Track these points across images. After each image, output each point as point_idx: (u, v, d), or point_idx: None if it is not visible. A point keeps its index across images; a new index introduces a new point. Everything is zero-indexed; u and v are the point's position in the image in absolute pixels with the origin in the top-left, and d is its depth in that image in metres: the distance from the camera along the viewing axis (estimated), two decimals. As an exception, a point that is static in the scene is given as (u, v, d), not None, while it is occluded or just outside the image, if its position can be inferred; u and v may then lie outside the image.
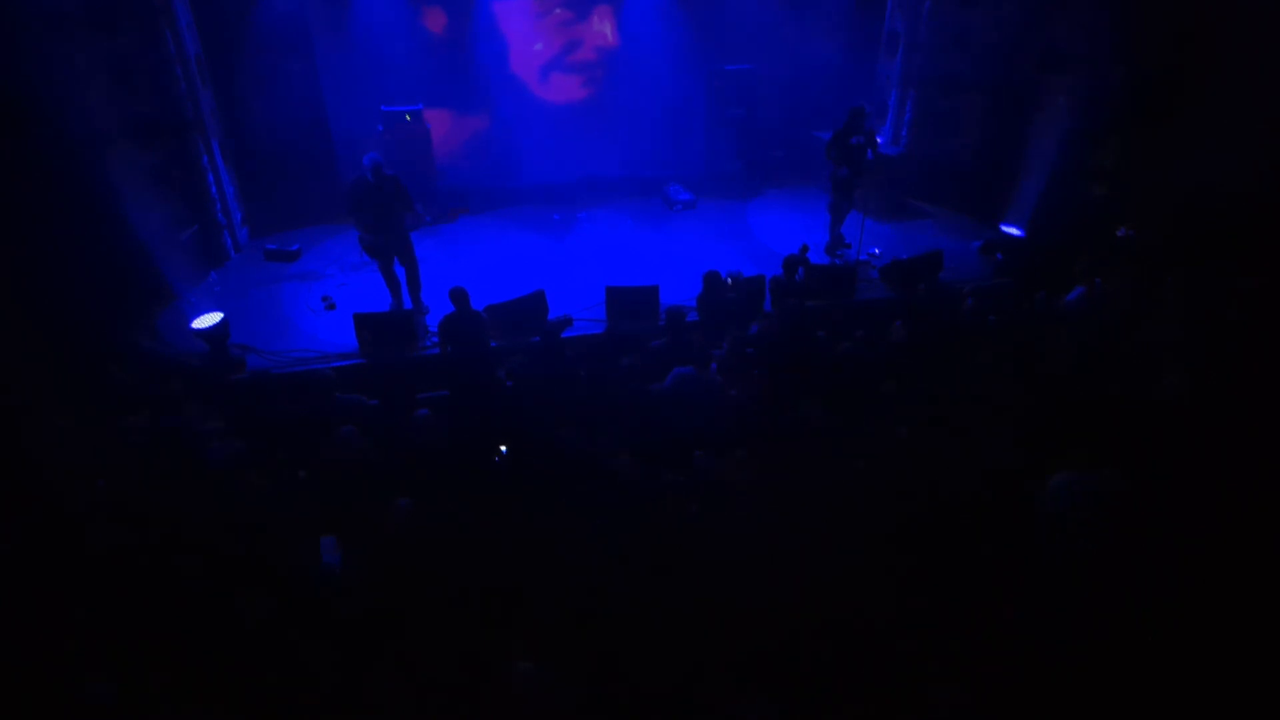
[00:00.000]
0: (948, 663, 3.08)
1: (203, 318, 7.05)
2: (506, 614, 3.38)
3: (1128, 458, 3.95)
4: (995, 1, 9.88)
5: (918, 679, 2.99)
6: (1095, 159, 9.14)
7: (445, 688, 3.06)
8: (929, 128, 10.99)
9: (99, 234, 7.25)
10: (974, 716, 2.88)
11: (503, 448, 4.89)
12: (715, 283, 7.35)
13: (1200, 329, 5.69)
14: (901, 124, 11.26)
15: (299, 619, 3.46)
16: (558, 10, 10.75)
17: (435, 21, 10.43)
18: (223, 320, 7.06)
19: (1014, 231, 9.99)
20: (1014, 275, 8.42)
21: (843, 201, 9.17)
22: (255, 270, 9.15)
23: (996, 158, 10.26)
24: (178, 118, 8.40)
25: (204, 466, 4.76)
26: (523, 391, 6.00)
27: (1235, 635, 3.04)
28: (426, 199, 8.85)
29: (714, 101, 11.44)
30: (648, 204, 11.12)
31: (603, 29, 11.05)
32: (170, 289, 8.04)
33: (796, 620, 3.16)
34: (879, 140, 9.56)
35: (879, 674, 3.06)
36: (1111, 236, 8.18)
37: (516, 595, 3.45)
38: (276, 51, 9.48)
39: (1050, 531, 3.67)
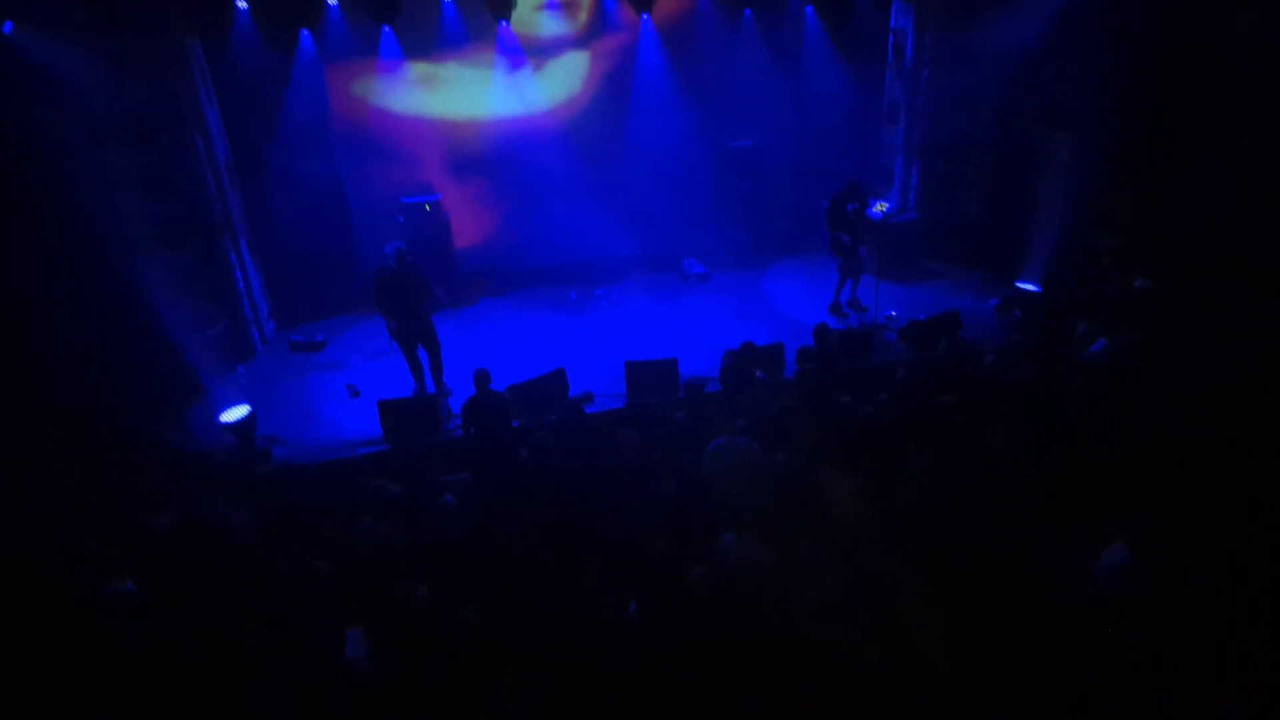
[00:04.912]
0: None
1: (230, 411, 7.17)
2: (529, 694, 3.30)
3: (1162, 513, 3.85)
4: (991, 65, 10.15)
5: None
6: (1104, 210, 9.20)
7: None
8: (937, 190, 11.16)
9: (133, 334, 7.48)
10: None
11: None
12: (748, 353, 7.38)
13: (1223, 373, 5.61)
14: (909, 188, 11.44)
15: (324, 713, 3.39)
16: None
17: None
18: (250, 413, 7.18)
19: (1030, 288, 9.99)
20: (1033, 331, 8.38)
21: (848, 264, 9.41)
22: (282, 362, 9.33)
23: (1006, 215, 10.36)
24: (208, 220, 8.74)
25: (229, 559, 4.76)
26: (547, 469, 5.99)
27: None
28: (446, 284, 9.05)
29: (722, 177, 11.72)
30: (663, 279, 11.28)
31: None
32: (200, 384, 8.18)
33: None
34: (886, 205, 9.77)
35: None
36: (1129, 287, 8.16)
37: (540, 676, 3.38)
38: (300, 152, 9.91)
39: (1102, 605, 3.54)
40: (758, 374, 7.32)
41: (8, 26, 6.43)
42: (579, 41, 10.92)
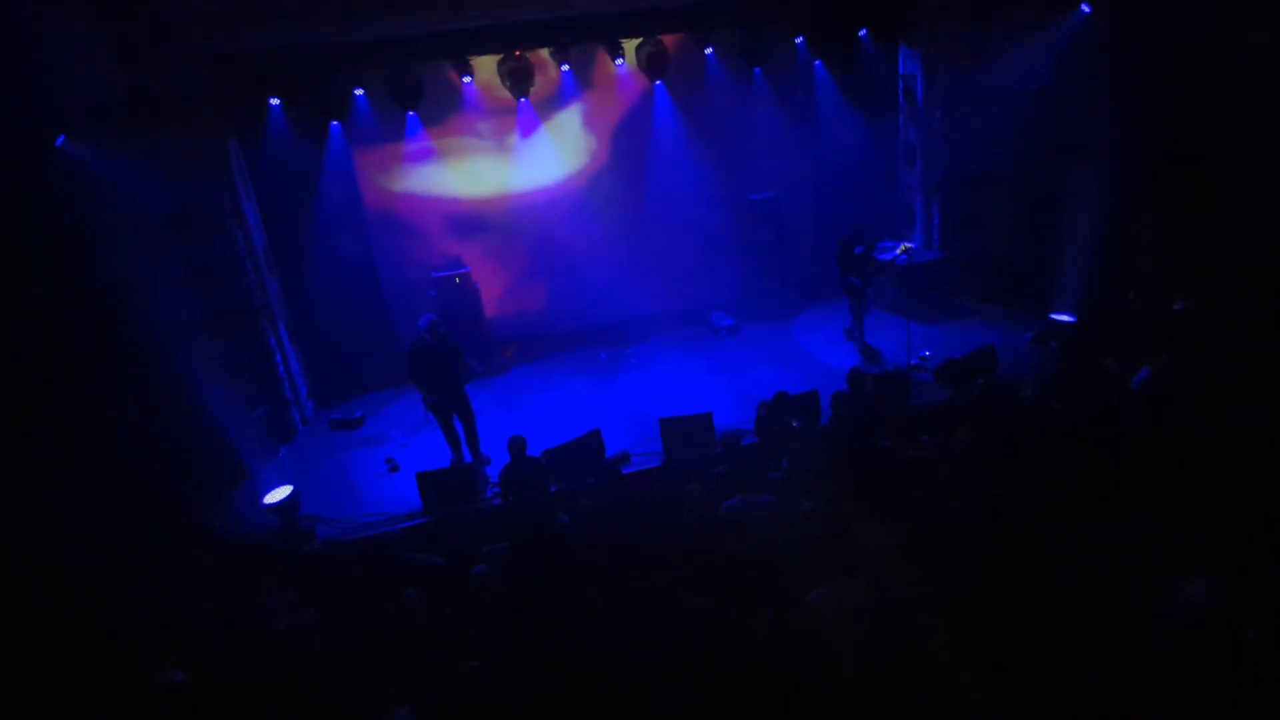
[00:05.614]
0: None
1: (274, 493, 7.28)
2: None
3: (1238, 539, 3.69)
4: (1004, 101, 10.19)
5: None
6: (1134, 235, 9.05)
7: None
8: (959, 227, 11.15)
9: (182, 421, 7.68)
10: None
11: None
12: (782, 402, 7.32)
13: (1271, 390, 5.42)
14: (931, 227, 11.45)
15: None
16: None
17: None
18: (293, 493, 7.28)
19: (1065, 318, 9.81)
20: (1072, 362, 8.20)
21: (858, 304, 9.75)
22: (322, 440, 9.49)
23: (1033, 248, 10.25)
24: (248, 306, 9.04)
25: (276, 640, 4.77)
26: (587, 533, 5.94)
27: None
28: (479, 353, 9.21)
29: (745, 229, 11.84)
30: (692, 333, 11.33)
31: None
32: (244, 468, 8.34)
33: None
34: (911, 245, 9.79)
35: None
36: (1167, 309, 7.98)
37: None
38: (334, 234, 10.24)
39: (1186, 639, 3.39)
40: (794, 423, 7.25)
41: (60, 140, 6.85)
42: (596, 111, 11.29)
